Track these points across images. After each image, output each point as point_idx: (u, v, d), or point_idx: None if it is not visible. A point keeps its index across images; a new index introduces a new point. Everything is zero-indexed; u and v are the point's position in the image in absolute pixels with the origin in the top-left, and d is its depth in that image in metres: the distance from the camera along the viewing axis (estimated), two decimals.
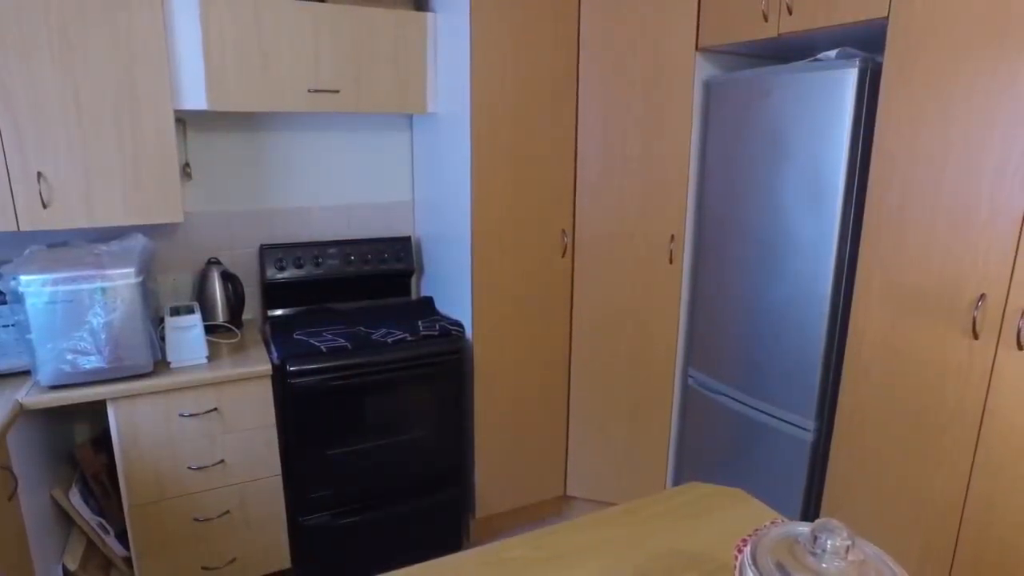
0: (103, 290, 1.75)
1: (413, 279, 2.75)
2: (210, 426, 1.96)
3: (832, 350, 1.91)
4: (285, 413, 2.10)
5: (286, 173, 2.50)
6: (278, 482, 2.10)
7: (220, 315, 2.32)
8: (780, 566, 0.83)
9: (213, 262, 2.34)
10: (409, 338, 2.23)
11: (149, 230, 2.29)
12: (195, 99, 2.01)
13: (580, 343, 2.48)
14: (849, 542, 0.82)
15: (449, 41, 2.22)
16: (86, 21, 1.80)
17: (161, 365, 1.93)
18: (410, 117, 2.66)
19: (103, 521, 1.97)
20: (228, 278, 2.32)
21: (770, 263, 2.03)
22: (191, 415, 1.92)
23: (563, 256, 2.40)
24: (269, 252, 2.43)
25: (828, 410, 1.95)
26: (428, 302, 2.60)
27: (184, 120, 2.27)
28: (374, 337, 2.22)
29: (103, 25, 1.82)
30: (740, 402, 2.20)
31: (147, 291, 1.90)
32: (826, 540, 0.82)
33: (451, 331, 2.30)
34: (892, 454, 1.74)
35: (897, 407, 1.72)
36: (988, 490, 1.54)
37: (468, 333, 2.32)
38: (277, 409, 2.07)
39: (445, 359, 2.26)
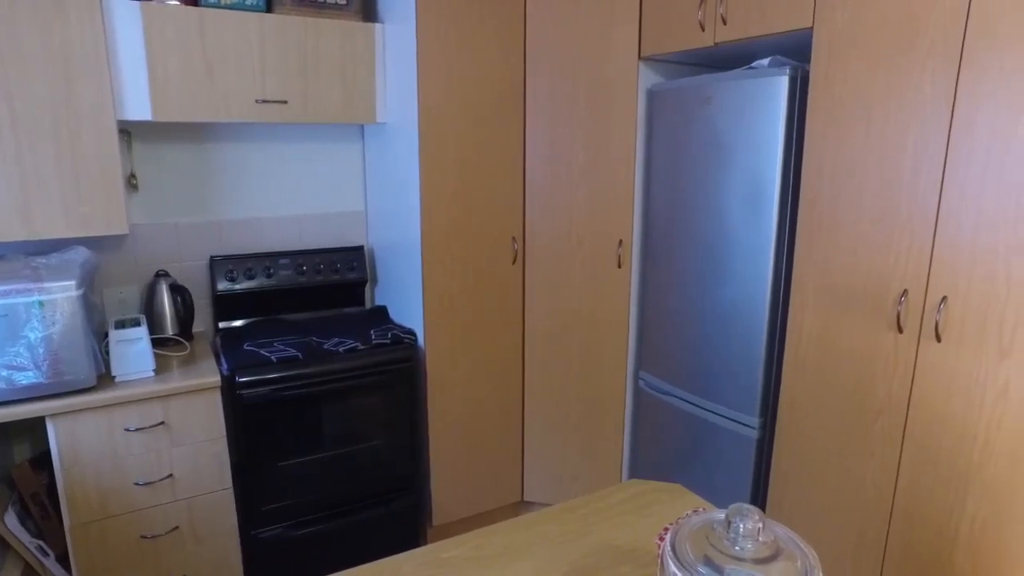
0: (41, 303, 1.71)
1: (367, 288, 2.75)
2: (157, 440, 1.92)
3: (773, 349, 1.97)
4: (235, 425, 2.07)
5: (236, 184, 2.48)
6: (229, 495, 2.07)
7: (169, 328, 2.29)
8: (698, 552, 0.86)
9: (161, 274, 2.31)
10: (361, 347, 2.23)
11: (94, 243, 2.25)
12: (139, 110, 2.00)
13: (533, 348, 2.51)
14: (760, 524, 0.85)
15: (397, 51, 2.24)
16: (16, 29, 1.77)
17: (105, 379, 1.90)
18: (361, 127, 2.67)
19: (42, 544, 1.92)
20: (177, 290, 2.29)
21: (714, 266, 2.09)
22: (137, 429, 1.88)
23: (514, 263, 2.43)
24: (219, 263, 2.41)
25: (771, 407, 2.00)
26: (381, 311, 2.60)
27: (129, 131, 2.25)
28: (326, 347, 2.22)
29: (36, 34, 1.79)
30: (689, 403, 2.24)
31: (89, 304, 1.87)
32: (739, 524, 0.85)
33: (403, 339, 2.30)
34: (829, 446, 1.80)
35: (832, 401, 1.78)
36: (915, 476, 1.61)
37: (420, 341, 2.33)
38: (227, 421, 2.05)
39: (397, 367, 2.26)
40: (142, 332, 1.94)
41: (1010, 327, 1.39)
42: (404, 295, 2.44)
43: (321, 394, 2.16)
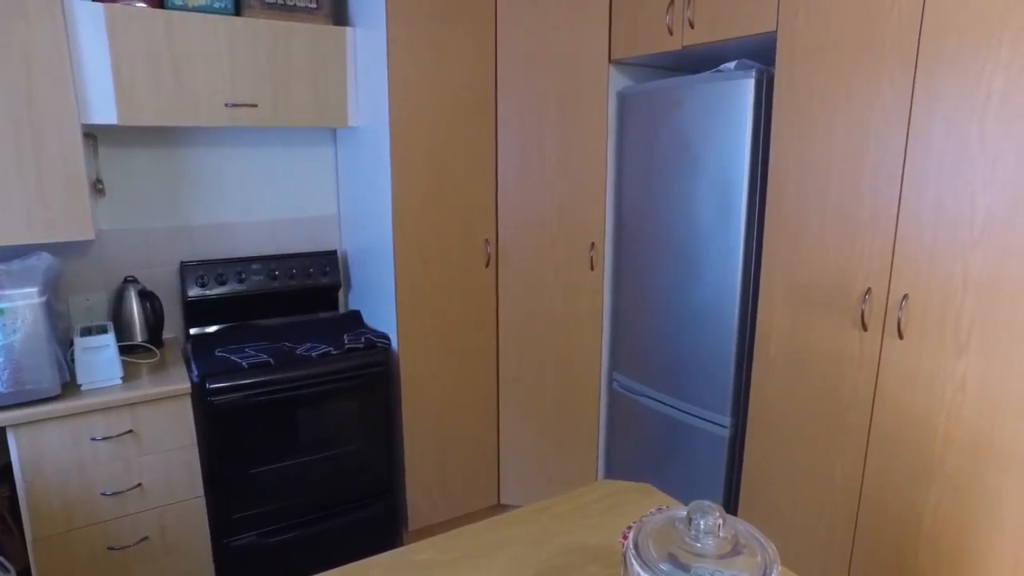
0: (1, 311, 1.68)
1: (340, 293, 2.73)
2: (125, 449, 1.89)
3: (743, 349, 1.99)
4: (206, 432, 2.05)
5: (207, 188, 2.45)
6: (200, 504, 2.04)
7: (138, 335, 2.25)
8: (660, 551, 0.86)
9: (130, 280, 2.27)
10: (334, 352, 2.22)
11: (59, 248, 2.21)
12: (104, 114, 1.97)
13: (507, 351, 2.51)
14: (720, 521, 0.86)
15: (367, 55, 2.24)
16: None
17: (71, 388, 1.86)
18: (333, 131, 2.65)
19: (3, 560, 1.87)
20: (146, 296, 2.25)
21: (685, 267, 2.11)
22: (104, 438, 1.85)
23: (487, 266, 2.43)
24: (190, 269, 2.38)
25: (742, 406, 2.03)
26: (355, 316, 2.58)
27: (95, 135, 2.21)
28: (298, 352, 2.20)
29: None
30: (662, 403, 2.26)
31: (53, 311, 1.83)
32: (699, 521, 0.86)
33: (376, 343, 2.29)
34: (799, 443, 1.83)
35: (801, 399, 1.81)
36: (881, 470, 1.64)
37: (394, 345, 2.32)
38: (198, 428, 2.02)
39: (371, 371, 2.25)
40: (109, 339, 1.91)
41: (967, 323, 1.43)
42: (378, 299, 2.43)
43: (294, 400, 2.14)
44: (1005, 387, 1.38)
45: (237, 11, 2.17)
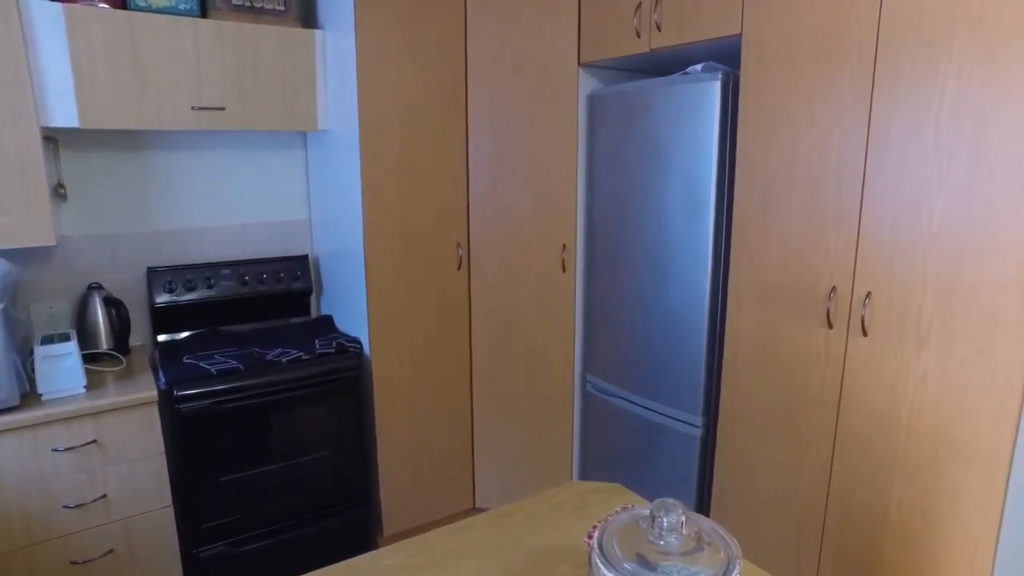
0: None
1: (312, 298, 2.70)
2: (89, 460, 1.85)
3: (714, 348, 2.01)
4: (175, 441, 2.01)
5: (174, 193, 2.41)
6: (168, 513, 2.00)
7: (103, 342, 2.20)
8: (626, 549, 0.87)
9: (94, 287, 2.22)
10: (305, 357, 2.19)
11: (18, 255, 2.15)
12: (65, 116, 1.92)
13: (480, 354, 2.50)
14: (683, 518, 0.87)
15: (337, 59, 2.22)
16: None
17: (31, 398, 1.81)
18: (304, 135, 2.63)
19: None
20: (112, 303, 2.21)
21: (656, 269, 2.13)
22: (66, 449, 1.80)
23: (459, 269, 2.42)
24: (157, 275, 2.33)
25: (713, 405, 2.05)
26: (327, 320, 2.56)
27: (55, 138, 2.16)
28: (269, 357, 2.17)
29: None
30: (635, 404, 2.28)
31: (11, 319, 1.78)
32: (663, 519, 0.87)
33: (348, 348, 2.27)
34: (769, 441, 1.85)
35: (770, 397, 1.83)
36: (848, 465, 1.66)
37: (366, 350, 2.31)
38: (166, 437, 1.98)
39: (342, 376, 2.23)
40: (71, 347, 1.86)
41: (927, 319, 1.46)
42: (349, 304, 2.41)
43: (264, 406, 2.11)
44: (963, 381, 1.41)
45: (203, 13, 2.14)
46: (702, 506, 2.11)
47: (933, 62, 1.39)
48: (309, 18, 2.40)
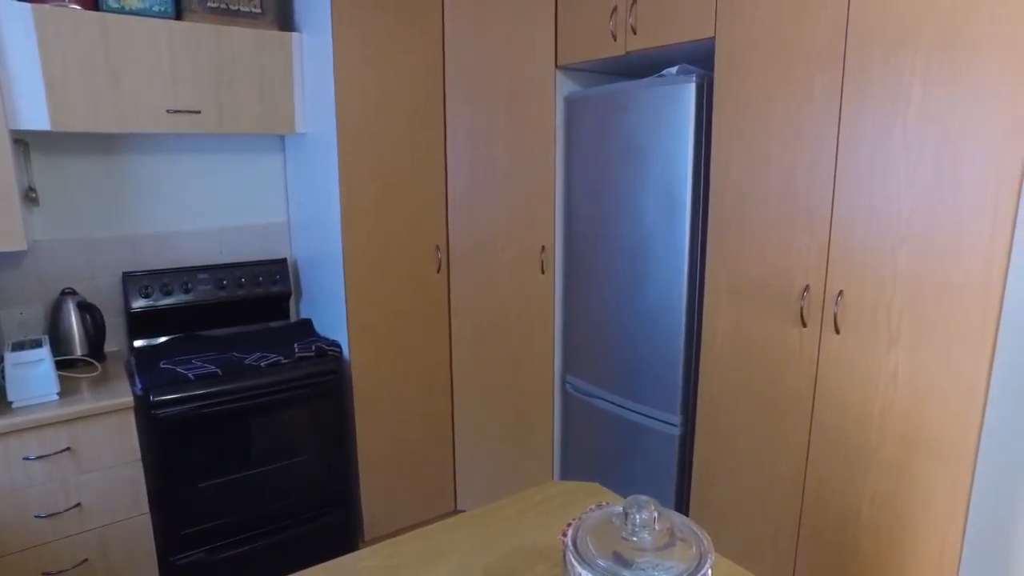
0: None
1: (291, 302, 2.68)
2: (62, 468, 1.82)
3: (691, 348, 2.03)
4: (152, 447, 1.98)
5: (150, 197, 2.39)
6: (145, 521, 1.97)
7: (78, 348, 2.17)
8: (599, 546, 0.87)
9: (68, 292, 2.19)
10: (284, 361, 2.18)
11: None
12: (35, 119, 1.90)
13: (460, 357, 2.51)
14: (656, 514, 0.88)
15: (314, 61, 2.22)
16: None
17: (1, 406, 1.78)
18: (282, 137, 2.62)
19: None
20: (86, 308, 2.17)
21: (634, 270, 2.15)
22: (38, 458, 1.77)
23: (438, 271, 2.42)
24: (133, 280, 2.30)
25: (691, 405, 2.07)
26: (306, 324, 2.55)
27: (26, 141, 2.13)
28: (247, 362, 2.15)
29: None
30: (615, 404, 2.29)
31: None
32: (635, 515, 0.88)
33: (328, 351, 2.26)
34: (746, 439, 1.87)
35: (746, 396, 1.86)
36: (822, 461, 1.69)
37: (346, 353, 2.30)
38: (142, 443, 1.95)
39: (322, 380, 2.22)
40: (43, 353, 1.83)
41: (897, 316, 1.49)
42: (329, 307, 2.40)
43: (243, 411, 2.09)
44: (931, 377, 1.44)
45: (178, 15, 2.12)
46: (681, 504, 2.13)
47: (899, 67, 1.42)
48: (286, 20, 2.39)
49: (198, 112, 2.15)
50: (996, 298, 1.33)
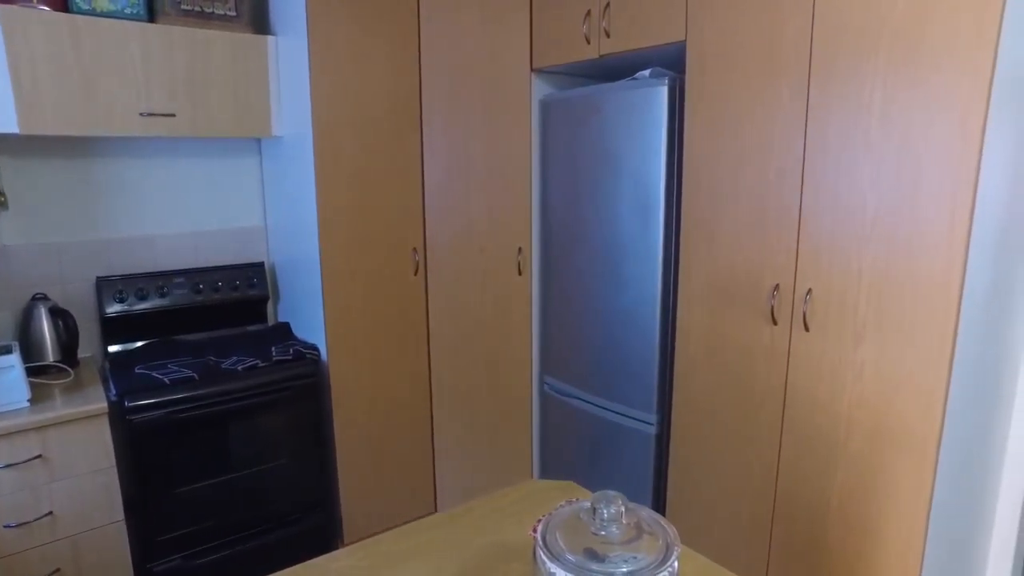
0: None
1: (269, 305, 2.67)
2: (33, 476, 1.79)
3: (666, 347, 2.06)
4: (126, 453, 1.96)
5: (125, 201, 2.36)
6: (120, 528, 1.95)
7: (50, 354, 2.14)
8: (569, 541, 0.89)
9: (39, 298, 2.16)
10: (261, 364, 2.17)
11: None
12: (3, 121, 1.87)
13: (439, 359, 2.51)
14: (623, 508, 0.89)
15: (289, 64, 2.21)
16: None
17: None
18: (258, 141, 2.61)
19: None
20: (58, 314, 2.15)
21: (609, 271, 2.17)
22: (7, 466, 1.75)
23: (416, 274, 2.43)
24: (107, 284, 2.28)
25: (666, 404, 2.09)
26: (284, 328, 2.54)
27: None
28: (224, 366, 2.14)
29: None
30: (592, 404, 2.31)
31: None
32: (603, 510, 0.89)
33: (305, 355, 2.25)
34: (720, 436, 1.90)
35: (720, 394, 1.88)
36: (794, 457, 1.72)
37: (323, 356, 2.29)
38: (117, 449, 1.93)
39: (300, 383, 2.21)
40: (13, 360, 1.81)
41: (863, 313, 1.53)
42: (306, 311, 2.40)
43: (220, 415, 2.08)
44: (896, 372, 1.48)
45: (151, 18, 2.11)
46: (658, 501, 2.15)
47: (861, 72, 1.46)
48: (261, 23, 2.39)
49: (172, 115, 2.13)
50: (955, 294, 1.37)
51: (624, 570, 0.84)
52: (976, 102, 1.30)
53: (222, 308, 2.49)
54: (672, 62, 2.13)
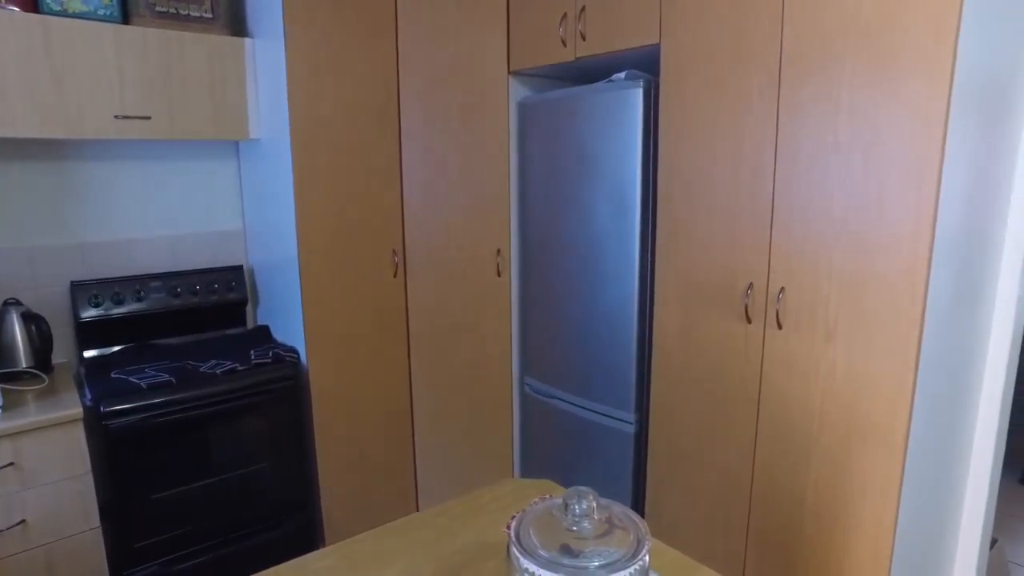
0: None
1: (249, 309, 2.66)
2: (5, 484, 1.76)
3: (644, 347, 2.08)
4: (103, 459, 1.94)
5: (100, 204, 2.34)
6: (96, 536, 1.93)
7: (22, 360, 2.11)
8: (543, 538, 0.90)
9: (11, 303, 2.13)
10: (240, 368, 2.16)
11: None
12: None
13: (419, 360, 2.51)
14: (595, 504, 0.91)
15: (267, 66, 2.21)
16: None
17: None
18: (236, 143, 2.59)
19: None
20: (31, 319, 2.12)
21: (587, 271, 2.19)
22: None
23: (395, 276, 2.43)
24: (82, 289, 2.25)
25: (645, 402, 2.12)
26: (263, 331, 2.52)
27: None
28: (202, 370, 2.13)
29: None
30: (571, 404, 2.33)
31: None
32: (575, 506, 0.91)
33: (284, 358, 2.25)
34: (697, 434, 1.93)
35: (697, 391, 1.91)
36: (768, 453, 1.75)
37: (303, 359, 2.29)
38: (93, 455, 1.91)
39: (279, 386, 2.20)
40: None
41: (834, 311, 1.56)
42: (286, 314, 2.39)
43: (198, 419, 2.07)
44: (866, 368, 1.51)
45: (125, 19, 2.09)
46: (638, 499, 2.17)
47: (829, 74, 1.50)
48: (238, 26, 2.38)
49: (148, 118, 2.12)
50: (920, 292, 1.40)
51: (596, 564, 0.86)
52: (937, 106, 1.34)
53: (200, 312, 2.47)
54: (647, 64, 2.16)
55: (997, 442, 1.80)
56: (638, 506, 2.16)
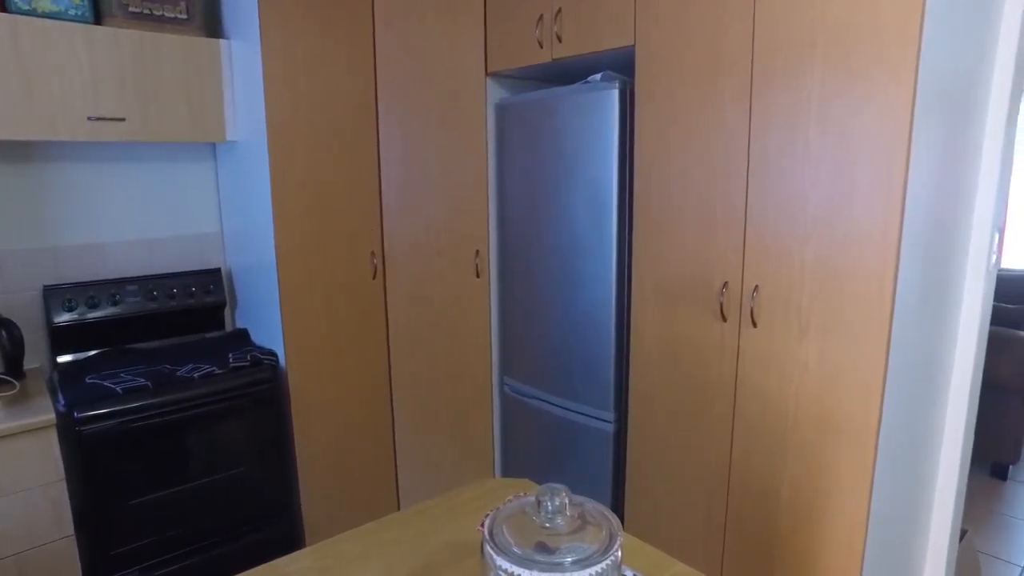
0: None
1: (227, 312, 2.63)
2: None
3: (622, 346, 2.10)
4: (77, 465, 1.92)
5: (74, 207, 2.31)
6: (71, 544, 1.90)
7: None
8: (517, 536, 0.91)
9: None
10: (217, 371, 2.14)
11: None
12: None
13: (399, 362, 2.51)
14: (567, 500, 0.92)
15: (243, 68, 2.20)
16: None
17: None
18: (213, 145, 2.57)
19: None
20: (1, 324, 2.08)
21: (565, 271, 2.20)
22: None
23: (374, 278, 2.43)
24: (55, 293, 2.22)
25: (623, 402, 2.13)
26: (242, 334, 2.51)
27: None
28: (179, 374, 2.11)
29: None
30: (551, 404, 2.34)
31: None
32: (547, 503, 0.91)
33: (263, 361, 2.23)
34: (676, 432, 1.95)
35: (674, 390, 1.93)
36: (745, 451, 1.77)
37: (282, 362, 2.27)
38: (67, 462, 1.88)
39: (257, 389, 2.19)
40: None
41: (806, 309, 1.59)
42: (264, 316, 2.37)
43: (175, 424, 2.05)
44: (838, 365, 1.54)
45: (97, 20, 2.07)
46: (617, 498, 2.19)
47: (799, 75, 1.52)
48: (213, 27, 2.36)
49: (122, 120, 2.10)
50: (889, 290, 1.43)
51: (569, 559, 0.87)
52: (903, 106, 1.37)
53: (178, 315, 2.45)
54: (624, 66, 2.18)
55: (965, 436, 1.84)
56: (618, 503, 2.17)
